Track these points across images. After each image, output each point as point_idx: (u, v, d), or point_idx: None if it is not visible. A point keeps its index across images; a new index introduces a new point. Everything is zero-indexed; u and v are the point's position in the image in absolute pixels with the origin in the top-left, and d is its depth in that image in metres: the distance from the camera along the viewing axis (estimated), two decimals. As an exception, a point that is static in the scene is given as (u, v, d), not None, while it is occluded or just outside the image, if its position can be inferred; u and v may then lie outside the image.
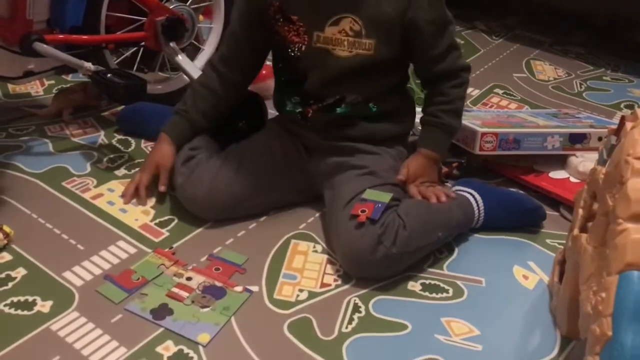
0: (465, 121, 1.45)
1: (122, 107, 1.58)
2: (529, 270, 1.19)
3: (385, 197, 1.14)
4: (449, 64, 1.22)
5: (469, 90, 1.95)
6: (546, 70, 2.16)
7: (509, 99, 1.92)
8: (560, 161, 1.44)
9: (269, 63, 1.37)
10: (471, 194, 1.25)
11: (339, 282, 1.12)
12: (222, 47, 1.33)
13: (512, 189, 1.40)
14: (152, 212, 1.27)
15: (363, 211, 1.11)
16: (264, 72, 1.60)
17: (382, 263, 1.09)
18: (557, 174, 1.42)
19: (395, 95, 1.27)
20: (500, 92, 1.96)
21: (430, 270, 1.17)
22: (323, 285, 1.11)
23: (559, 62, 2.22)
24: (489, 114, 1.61)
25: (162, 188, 1.28)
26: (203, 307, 1.04)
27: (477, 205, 1.24)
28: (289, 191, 1.29)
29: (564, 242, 1.12)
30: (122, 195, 1.29)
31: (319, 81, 1.21)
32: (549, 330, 1.05)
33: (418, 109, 1.36)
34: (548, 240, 1.27)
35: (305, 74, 1.22)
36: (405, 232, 1.10)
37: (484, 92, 1.95)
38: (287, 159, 1.28)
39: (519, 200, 1.31)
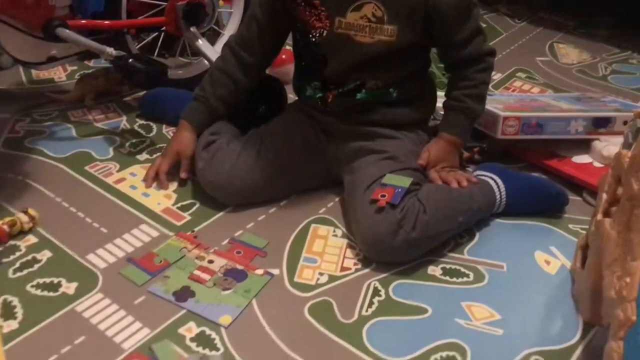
0: (487, 105, 1.42)
1: (144, 92, 1.59)
2: (551, 256, 1.18)
3: (405, 181, 1.13)
4: (474, 48, 1.20)
5: (491, 74, 1.93)
6: (570, 53, 2.13)
7: (531, 83, 1.89)
8: (584, 145, 1.42)
9: (288, 47, 1.37)
10: (493, 178, 1.24)
11: (359, 266, 1.12)
12: (242, 30, 1.33)
13: (534, 174, 1.38)
14: (174, 196, 1.28)
15: (383, 196, 1.10)
16: (283, 56, 1.60)
17: (401, 248, 1.09)
18: (581, 159, 1.40)
19: (416, 80, 1.26)
20: (523, 76, 1.94)
21: (451, 254, 1.17)
22: (343, 269, 1.11)
23: (584, 46, 2.18)
24: (512, 98, 1.59)
25: (183, 175, 1.29)
26: (224, 289, 1.05)
27: (499, 189, 1.23)
28: (308, 176, 1.29)
29: (587, 227, 1.11)
30: (144, 180, 1.31)
31: (340, 67, 1.21)
32: (571, 315, 1.04)
33: (439, 93, 1.34)
34: (571, 226, 1.26)
35: (325, 59, 1.22)
36: (425, 216, 1.09)
37: (506, 76, 1.93)
38: (307, 144, 1.28)
39: (542, 185, 1.29)
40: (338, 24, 1.17)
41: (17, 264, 1.07)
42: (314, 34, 1.20)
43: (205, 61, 1.64)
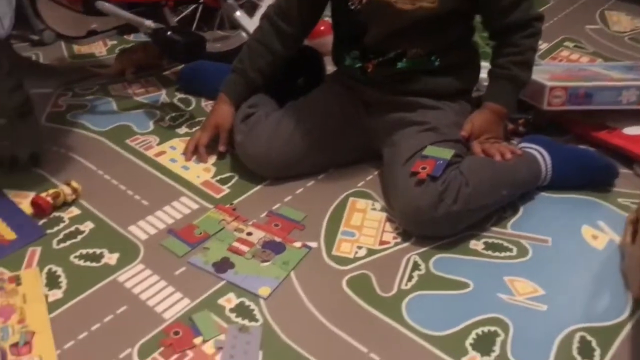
0: (533, 75, 1.38)
1: (182, 66, 1.59)
2: (599, 230, 1.14)
3: (447, 153, 1.10)
4: (520, 14, 1.16)
5: (537, 43, 1.86)
6: (622, 21, 2.03)
7: (580, 52, 1.82)
8: (635, 116, 1.35)
9: (327, 19, 1.34)
10: (538, 151, 1.20)
11: (398, 240, 1.11)
12: (280, 0, 1.31)
13: (582, 146, 1.33)
14: (213, 169, 1.28)
15: (424, 168, 1.08)
16: (322, 27, 1.58)
17: (442, 221, 1.07)
18: (632, 130, 1.34)
19: (459, 48, 1.22)
20: (571, 45, 1.86)
21: (494, 229, 1.14)
22: (382, 242, 1.10)
23: (636, 12, 2.08)
24: (559, 68, 1.53)
25: (222, 148, 1.29)
26: (263, 261, 1.05)
27: (545, 162, 1.19)
28: (346, 149, 1.27)
29: (638, 201, 1.07)
30: (183, 153, 1.31)
31: (379, 35, 1.18)
32: (619, 291, 1.01)
33: (483, 64, 1.30)
34: (620, 200, 1.21)
35: (365, 28, 1.19)
36: (467, 189, 1.07)
37: (553, 45, 1.85)
38: (345, 116, 1.26)
39: (590, 158, 1.24)
40: None
41: (61, 235, 1.09)
42: (354, 1, 1.17)
43: (244, 34, 1.63)
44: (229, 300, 0.97)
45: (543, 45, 1.84)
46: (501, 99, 1.20)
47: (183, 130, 1.41)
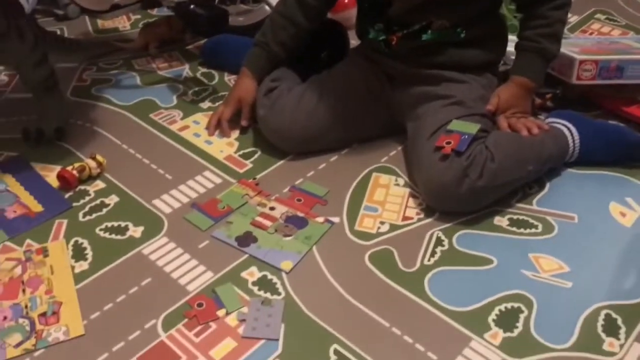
0: (562, 48, 1.34)
1: (205, 40, 1.58)
2: (627, 207, 1.12)
3: (472, 128, 1.09)
4: None
5: (567, 16, 1.81)
6: (656, -8, 1.96)
7: (612, 25, 1.76)
8: (669, 91, 1.32)
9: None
10: (566, 125, 1.18)
11: (422, 215, 1.10)
12: None
13: (612, 122, 1.30)
14: (236, 144, 1.28)
15: (448, 143, 1.06)
16: (346, 0, 1.55)
17: (467, 196, 1.05)
18: (664, 105, 1.31)
19: (485, 20, 1.19)
20: (602, 17, 1.81)
21: (519, 205, 1.12)
22: (405, 218, 1.09)
23: (672, -17, 2.01)
24: (589, 41, 1.49)
25: (244, 122, 1.29)
26: (286, 235, 1.05)
27: (572, 137, 1.16)
28: (370, 124, 1.26)
29: (669, 177, 1.04)
30: (206, 128, 1.31)
31: (404, 6, 1.15)
32: (647, 269, 0.99)
33: (511, 37, 1.27)
34: (650, 176, 1.19)
35: (389, 0, 1.17)
36: (493, 164, 1.05)
37: (583, 18, 1.80)
38: (369, 90, 1.25)
39: (620, 133, 1.21)
40: None
41: (87, 208, 1.11)
42: None
43: (267, 7, 1.61)
44: (252, 274, 0.98)
45: (573, 18, 1.79)
46: (529, 72, 1.18)
47: (206, 104, 1.41)
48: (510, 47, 1.26)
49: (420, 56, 1.19)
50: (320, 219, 1.08)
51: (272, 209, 1.11)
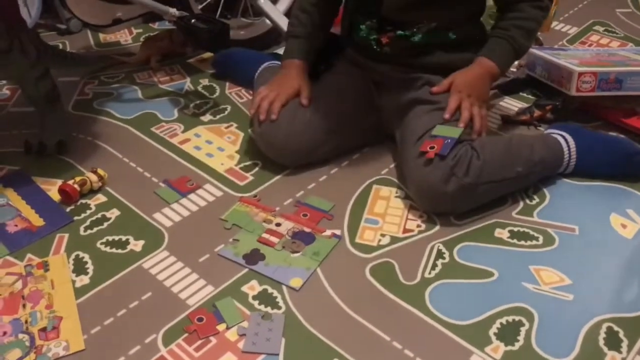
0: (561, 60, 1.35)
1: (208, 54, 1.59)
2: (628, 219, 1.11)
3: (455, 132, 1.09)
4: None
5: (565, 28, 1.83)
6: (655, 3, 1.97)
7: (610, 37, 1.77)
8: (668, 102, 1.32)
9: None
10: (562, 135, 1.18)
11: (422, 228, 1.10)
12: None
13: (612, 133, 1.30)
14: (237, 156, 1.29)
15: (432, 147, 1.07)
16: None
17: (456, 194, 1.06)
18: (664, 116, 1.31)
19: (471, 24, 1.22)
20: (601, 29, 1.81)
21: (519, 217, 1.12)
22: (405, 230, 1.09)
23: (670, -5, 2.02)
24: (588, 53, 1.49)
25: (305, 101, 1.22)
26: (293, 252, 1.04)
27: (568, 146, 1.17)
28: (363, 132, 1.27)
29: (670, 189, 1.04)
30: (253, 114, 1.22)
31: (397, 6, 1.16)
32: (649, 282, 0.99)
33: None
34: (651, 188, 1.18)
35: None
36: (478, 161, 1.06)
37: (582, 30, 1.81)
38: (359, 98, 1.26)
39: (619, 144, 1.21)
40: None
41: (88, 222, 1.11)
42: None
43: (267, 21, 1.62)
44: (252, 288, 0.98)
45: (572, 30, 1.80)
46: (495, 56, 1.19)
47: (207, 117, 1.41)
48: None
49: (409, 57, 1.20)
50: (328, 233, 1.08)
51: (278, 225, 1.10)
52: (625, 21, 1.86)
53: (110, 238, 1.08)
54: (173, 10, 1.35)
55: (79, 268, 1.01)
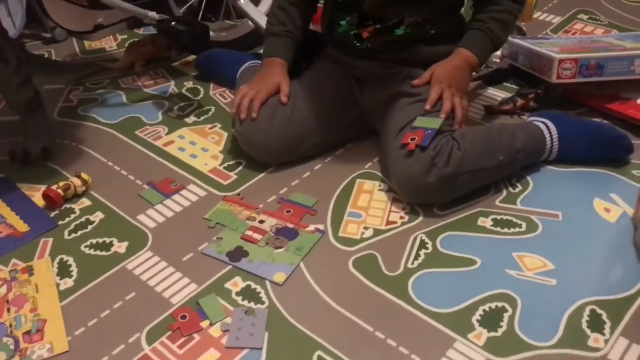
0: (542, 49, 1.35)
1: (192, 57, 1.59)
2: (612, 203, 1.11)
3: (436, 123, 1.10)
4: None
5: (549, 18, 1.83)
6: (638, -10, 1.97)
7: (594, 25, 1.77)
8: (650, 86, 1.32)
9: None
10: (544, 122, 1.19)
11: (406, 219, 1.10)
12: None
13: (595, 119, 1.31)
14: (221, 156, 1.29)
15: (413, 139, 1.07)
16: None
17: (438, 185, 1.06)
18: (647, 100, 1.31)
19: (451, 18, 1.23)
20: (585, 17, 1.82)
21: (503, 205, 1.12)
22: (389, 223, 1.09)
23: (654, -19, 2.02)
24: (570, 41, 1.50)
25: (285, 99, 1.22)
26: (277, 248, 1.05)
27: (550, 133, 1.17)
28: (345, 128, 1.27)
29: (651, 171, 1.04)
30: (235, 112, 1.22)
31: (379, 1, 1.17)
32: (632, 264, 0.99)
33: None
34: (634, 172, 1.18)
35: None
36: (459, 152, 1.06)
37: (566, 19, 1.82)
38: (339, 95, 1.26)
39: (601, 130, 1.21)
40: None
41: (72, 226, 1.11)
42: None
43: (250, 23, 1.63)
44: (236, 284, 0.98)
45: (556, 20, 1.81)
46: (474, 47, 1.20)
47: (191, 119, 1.42)
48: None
49: (389, 52, 1.21)
50: (311, 229, 1.08)
51: (261, 222, 1.11)
52: (610, 8, 1.86)
53: (94, 241, 1.08)
54: (152, 14, 1.35)
55: (64, 272, 1.01)
